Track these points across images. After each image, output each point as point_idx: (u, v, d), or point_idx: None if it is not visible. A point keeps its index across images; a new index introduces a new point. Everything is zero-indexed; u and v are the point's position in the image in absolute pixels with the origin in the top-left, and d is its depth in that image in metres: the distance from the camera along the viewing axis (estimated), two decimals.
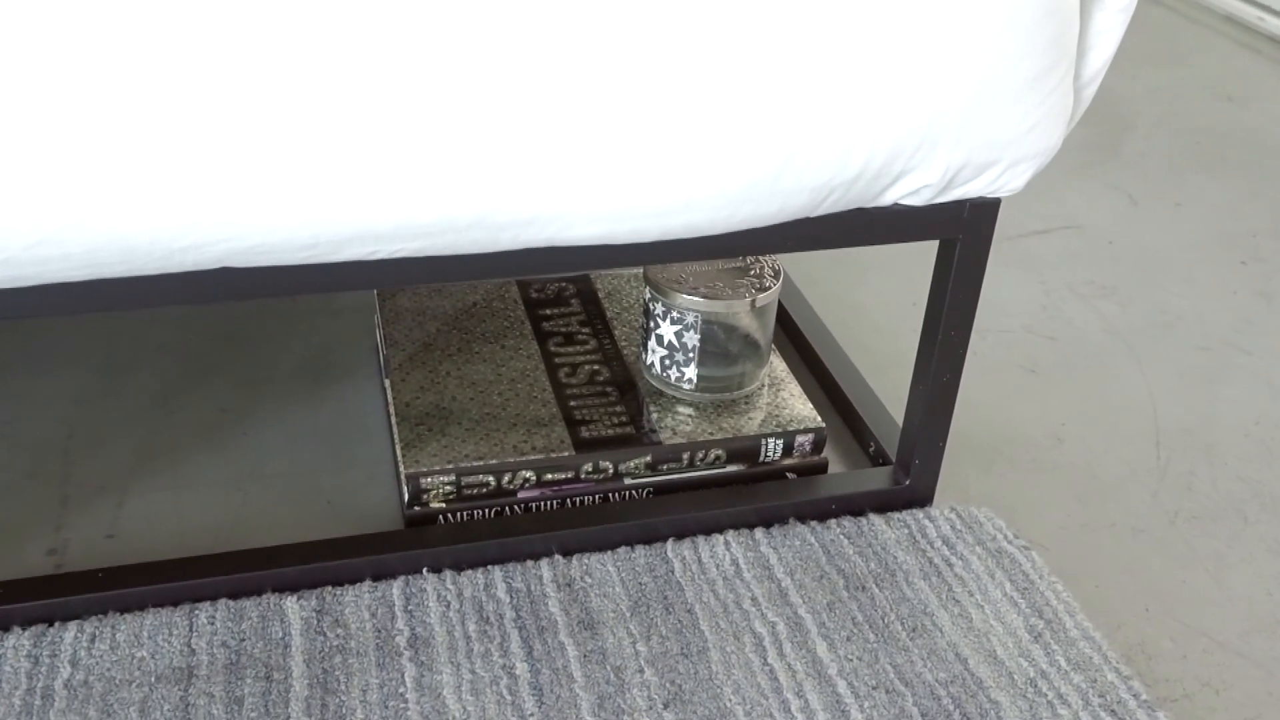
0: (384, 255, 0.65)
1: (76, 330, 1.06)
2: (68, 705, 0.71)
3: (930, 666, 0.77)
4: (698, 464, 0.89)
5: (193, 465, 0.91)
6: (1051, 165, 1.47)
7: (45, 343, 1.04)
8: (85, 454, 0.92)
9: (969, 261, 0.80)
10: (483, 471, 0.85)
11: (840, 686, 0.75)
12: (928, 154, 0.70)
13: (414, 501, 0.85)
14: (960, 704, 0.74)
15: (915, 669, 0.77)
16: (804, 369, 1.05)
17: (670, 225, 0.67)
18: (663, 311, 0.91)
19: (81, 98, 0.56)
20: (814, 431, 0.91)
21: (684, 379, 0.92)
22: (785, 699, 0.74)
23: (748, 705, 0.74)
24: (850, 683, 0.75)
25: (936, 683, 0.76)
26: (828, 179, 0.69)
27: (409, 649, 0.76)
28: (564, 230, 0.65)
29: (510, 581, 0.81)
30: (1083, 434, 1.02)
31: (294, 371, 1.02)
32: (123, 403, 0.97)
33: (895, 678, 0.76)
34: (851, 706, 0.74)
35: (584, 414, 0.91)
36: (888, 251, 1.28)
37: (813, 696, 0.74)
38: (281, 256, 0.63)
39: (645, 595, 0.81)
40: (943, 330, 0.82)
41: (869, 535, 0.87)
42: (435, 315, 1.01)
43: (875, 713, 0.73)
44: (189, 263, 0.62)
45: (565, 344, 0.98)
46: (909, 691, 0.75)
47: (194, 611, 0.77)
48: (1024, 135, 0.72)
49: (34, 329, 1.06)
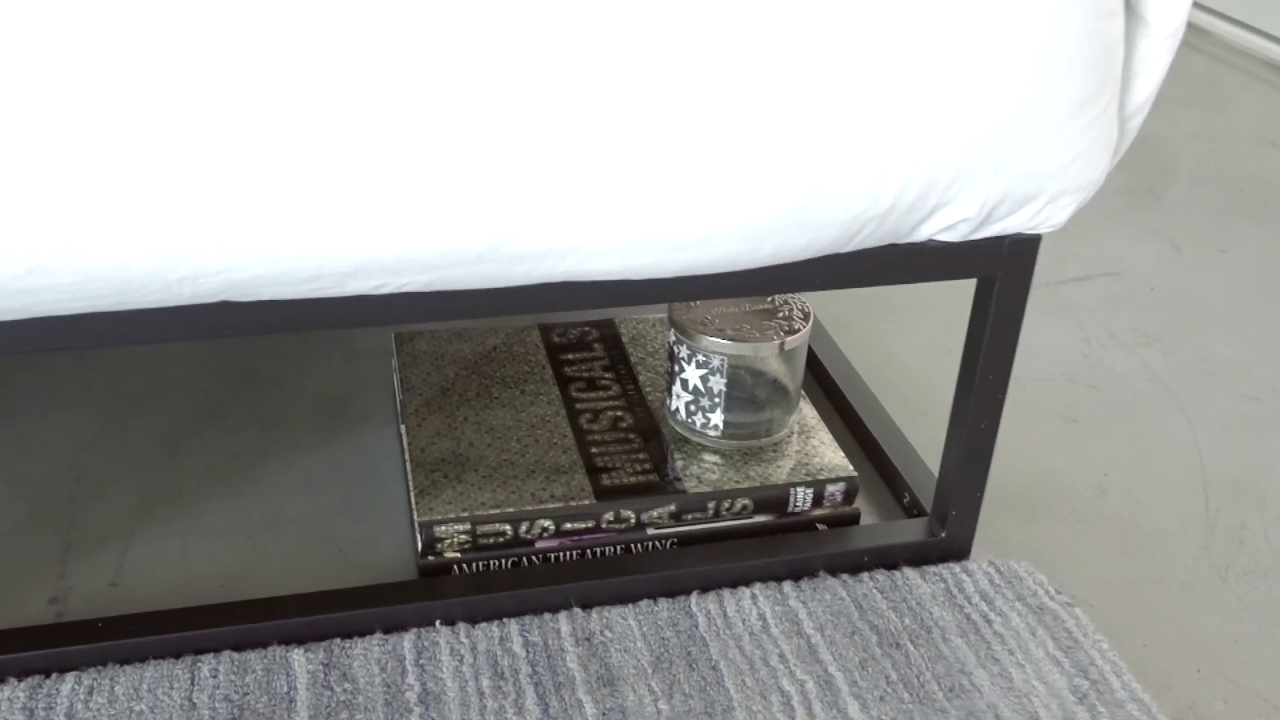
0: (392, 289, 0.62)
1: (85, 369, 1.04)
2: None
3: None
4: (724, 514, 0.86)
5: (201, 511, 0.89)
6: (1091, 210, 1.44)
7: (52, 382, 1.02)
8: (91, 498, 0.89)
9: (1008, 301, 0.76)
10: (499, 520, 0.82)
11: None
12: (965, 186, 0.67)
13: (428, 551, 0.81)
14: None
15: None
16: (835, 416, 1.01)
17: (692, 259, 0.64)
18: (687, 355, 0.87)
19: (72, 120, 0.53)
20: (845, 481, 0.87)
21: (709, 425, 0.89)
22: None
23: None
24: None
25: None
26: (859, 212, 0.65)
27: (419, 705, 0.72)
28: (580, 264, 0.62)
29: (527, 635, 0.78)
30: (1127, 485, 0.97)
31: (308, 415, 1.00)
32: (130, 445, 0.95)
33: None
34: None
35: (605, 461, 0.87)
36: (925, 295, 1.24)
37: None
38: (284, 289, 0.60)
39: (668, 650, 0.77)
40: (980, 374, 0.79)
41: (903, 590, 0.83)
42: (454, 359, 0.98)
43: None
44: (186, 295, 0.59)
45: (587, 389, 0.95)
46: None
47: (196, 664, 0.74)
48: (1066, 167, 0.69)
49: (40, 368, 1.04)
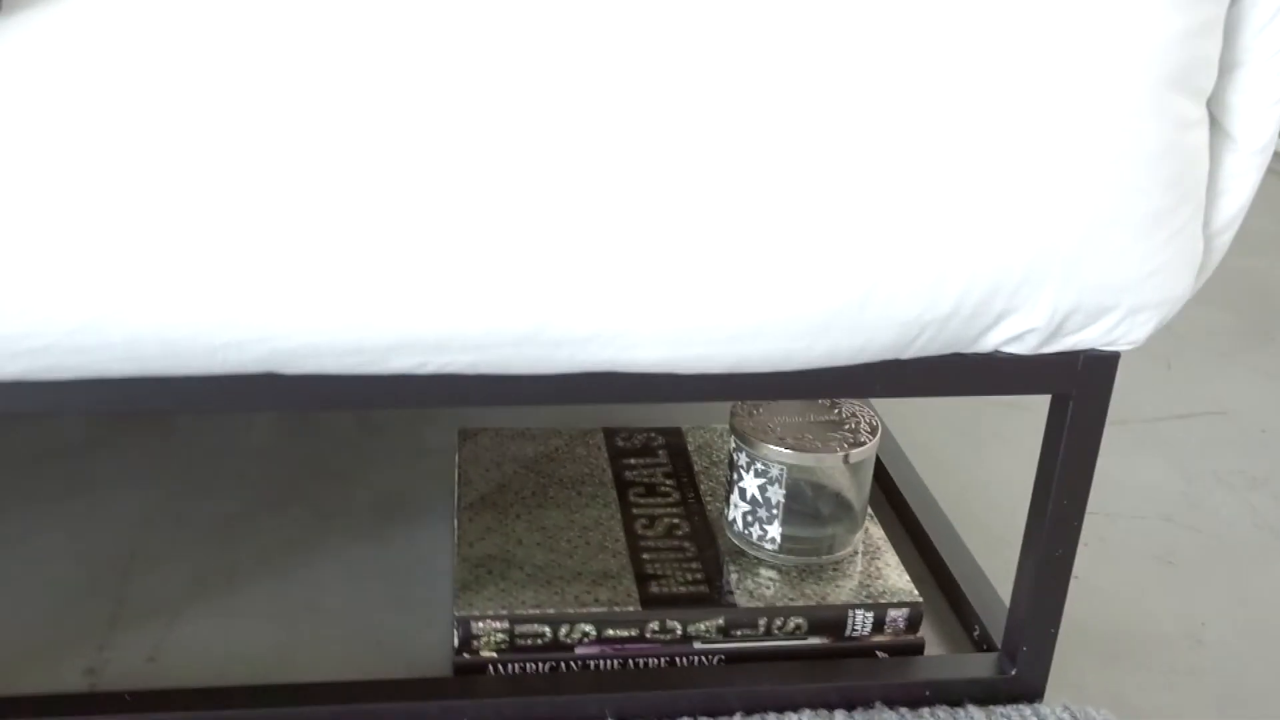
0: (434, 369, 0.61)
1: (157, 452, 1.05)
2: None
3: None
4: (776, 632, 0.81)
5: (248, 594, 0.88)
6: (1197, 350, 1.37)
7: (125, 461, 1.03)
8: (142, 574, 0.89)
9: (1084, 421, 0.71)
10: (539, 621, 0.79)
11: None
12: (1032, 293, 0.64)
13: (464, 648, 0.79)
14: None
15: None
16: (906, 541, 0.96)
17: (742, 354, 0.62)
18: (746, 463, 0.84)
19: (124, 182, 0.54)
20: (909, 606, 0.82)
21: (767, 538, 0.85)
22: None
23: None
24: None
25: None
26: (918, 314, 0.62)
27: None
28: (625, 351, 0.61)
29: None
30: (1226, 636, 0.89)
31: (368, 508, 0.99)
32: (189, 526, 0.95)
33: None
34: None
35: (656, 569, 0.84)
36: (1011, 422, 1.19)
37: None
38: (326, 362, 0.60)
39: None
40: (1054, 499, 0.74)
41: None
42: (515, 458, 0.96)
43: None
44: (231, 362, 0.59)
45: (646, 495, 0.92)
46: None
47: None
48: (1144, 280, 0.65)
49: (116, 446, 1.05)
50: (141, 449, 1.05)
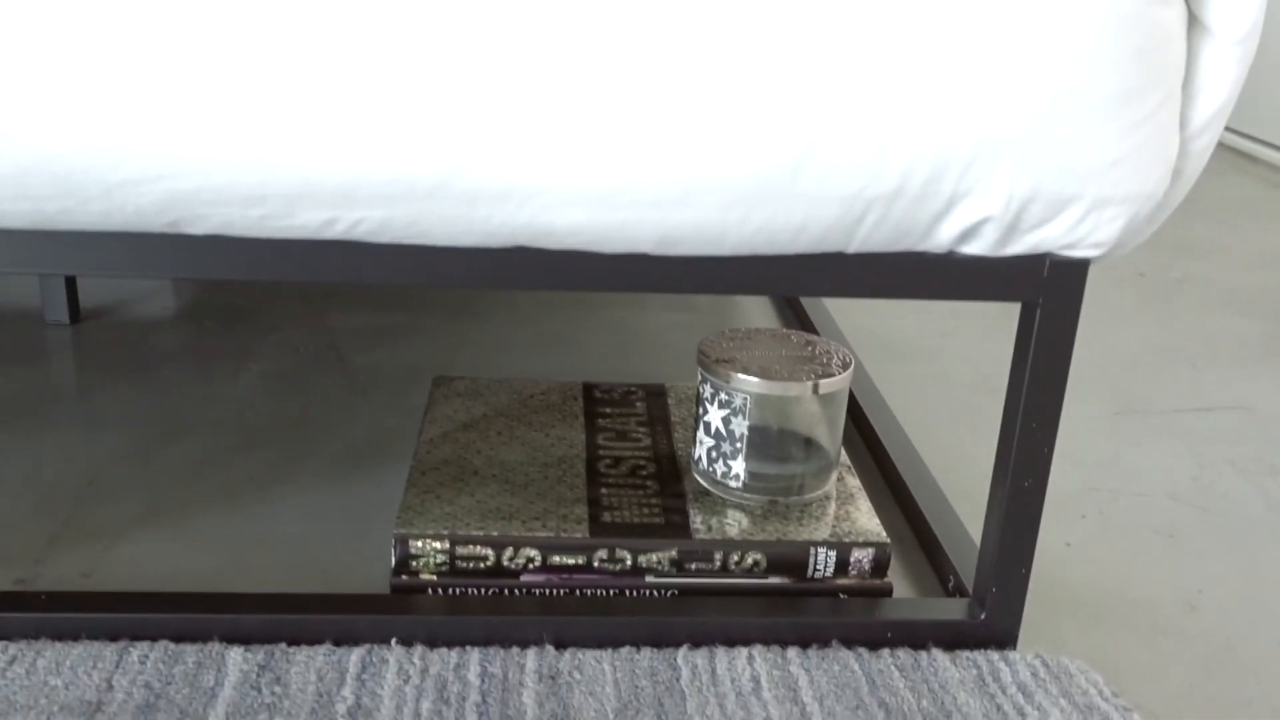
0: (345, 228, 0.59)
1: (135, 397, 1.04)
2: None
3: None
4: (733, 568, 0.77)
5: (198, 523, 0.85)
6: (1223, 354, 1.32)
7: (103, 405, 1.02)
8: (94, 502, 0.87)
9: (1052, 332, 0.67)
10: (480, 543, 0.75)
11: None
12: (985, 174, 0.60)
13: (401, 569, 0.75)
14: None
15: None
16: (885, 492, 0.91)
17: (670, 222, 0.59)
18: (711, 394, 0.81)
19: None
20: (875, 546, 0.77)
21: (731, 475, 0.81)
22: None
23: None
24: None
25: None
26: (859, 188, 0.59)
27: (346, 718, 0.65)
28: (544, 212, 0.58)
29: (487, 665, 0.70)
30: (1223, 604, 0.83)
31: (339, 453, 0.96)
32: (153, 463, 0.93)
33: None
34: None
35: (612, 501, 0.80)
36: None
37: None
38: (231, 213, 0.58)
39: (638, 699, 0.68)
40: (1022, 422, 0.69)
41: (927, 670, 0.72)
42: (487, 402, 0.94)
43: None
44: (130, 208, 0.57)
45: (616, 439, 0.89)
46: None
47: (128, 649, 0.69)
48: (1109, 168, 0.61)
49: (96, 391, 1.05)
50: (123, 395, 1.04)
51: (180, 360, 1.12)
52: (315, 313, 1.26)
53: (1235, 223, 1.88)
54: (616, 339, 1.24)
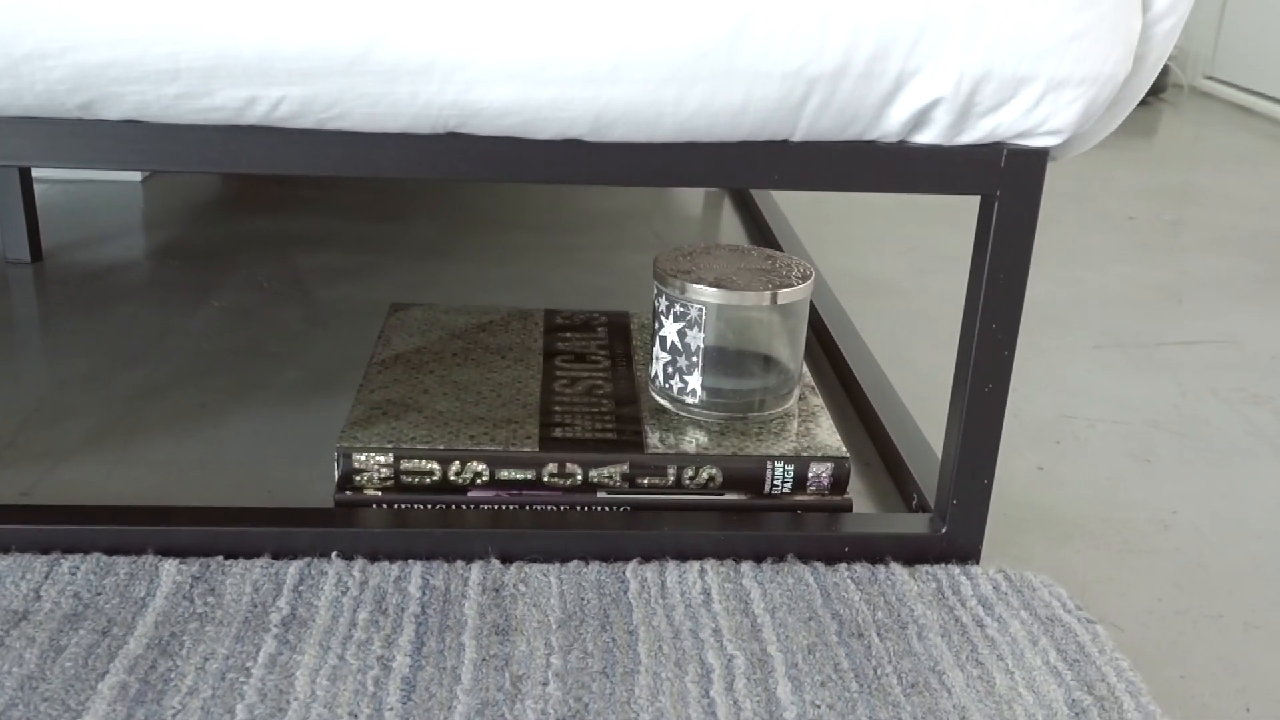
0: (266, 108, 0.56)
1: (91, 327, 1.02)
2: None
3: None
4: (688, 484, 0.75)
5: (144, 447, 0.83)
6: (1210, 290, 1.29)
7: (57, 333, 1.00)
8: (41, 426, 0.85)
9: (1011, 227, 0.65)
10: (425, 456, 0.73)
11: None
12: (933, 49, 0.57)
13: (345, 484, 0.73)
14: None
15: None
16: (849, 409, 0.89)
17: (602, 100, 0.56)
18: (666, 307, 0.78)
19: None
20: (834, 461, 0.75)
21: (687, 390, 0.78)
22: None
23: None
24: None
25: None
26: (801, 64, 0.57)
27: (279, 627, 0.63)
28: (471, 88, 0.55)
29: (429, 578, 0.68)
30: (1197, 523, 0.81)
31: (293, 382, 0.94)
32: (103, 390, 0.91)
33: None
34: None
35: (565, 418, 0.78)
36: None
37: None
38: (145, 91, 0.55)
39: (584, 610, 0.66)
40: (981, 321, 0.67)
41: (884, 583, 0.69)
42: (444, 326, 0.91)
43: None
44: (39, 84, 0.55)
45: (574, 361, 0.87)
46: None
47: (59, 560, 0.67)
48: (1064, 46, 0.58)
49: (52, 320, 1.02)
50: (78, 328, 1.02)
51: (140, 297, 1.10)
52: (282, 253, 1.24)
53: (1232, 172, 1.84)
54: (588, 279, 1.21)
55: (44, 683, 0.58)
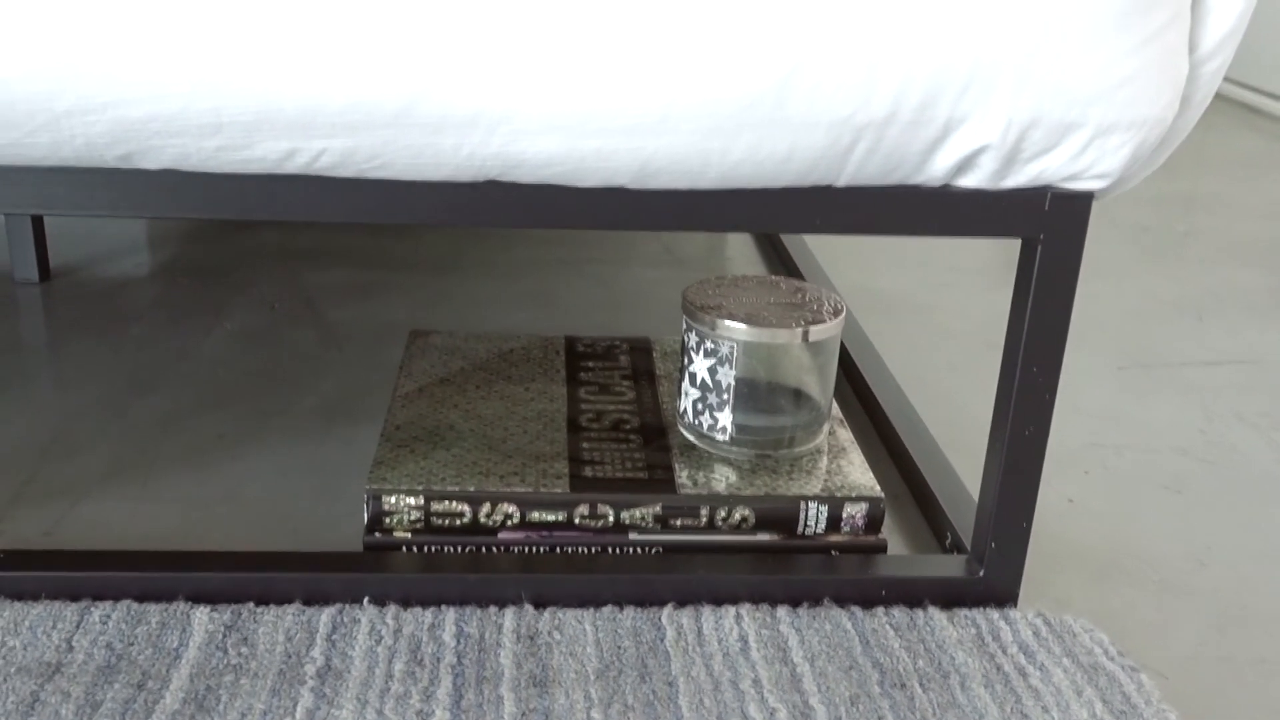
0: (307, 159, 0.55)
1: (105, 354, 1.00)
2: None
3: None
4: (720, 525, 0.74)
5: (165, 482, 0.82)
6: (1230, 307, 1.28)
7: (71, 361, 0.99)
8: (59, 459, 0.84)
9: (1054, 270, 0.64)
10: (456, 498, 0.72)
11: None
12: (982, 97, 0.56)
13: (374, 526, 0.72)
14: None
15: None
16: (879, 446, 0.88)
17: (647, 151, 0.55)
18: (696, 343, 0.77)
19: None
20: (868, 501, 0.74)
21: (718, 428, 0.77)
22: None
23: None
24: None
25: None
26: (849, 113, 0.56)
27: (315, 679, 0.62)
28: (515, 140, 0.54)
29: (463, 625, 0.67)
30: (1234, 560, 0.80)
31: (313, 409, 0.93)
32: (122, 419, 0.90)
33: None
34: None
35: (594, 455, 0.77)
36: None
37: None
38: (186, 145, 0.54)
39: (621, 660, 0.65)
40: (1022, 366, 0.66)
41: (923, 629, 0.69)
42: (465, 355, 0.90)
43: None
44: (80, 139, 0.53)
45: (599, 393, 0.86)
46: None
47: (89, 608, 0.66)
48: (1113, 91, 0.57)
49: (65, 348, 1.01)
50: (91, 352, 1.01)
51: (151, 318, 1.09)
52: (291, 271, 1.23)
53: (1243, 176, 1.84)
54: (600, 295, 1.20)
55: None
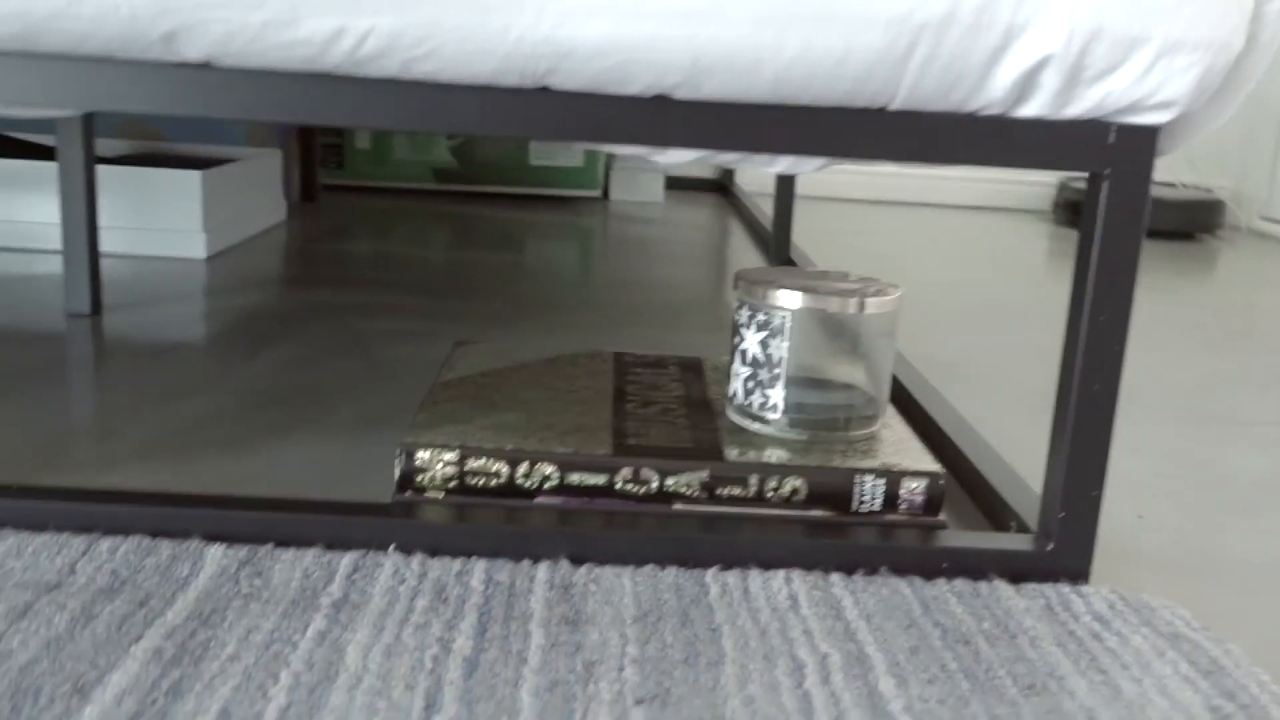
0: (353, 41, 0.55)
1: (151, 367, 0.99)
2: None
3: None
4: (770, 497, 0.70)
5: (197, 462, 0.79)
6: None
7: (116, 369, 0.98)
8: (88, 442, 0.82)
9: (1120, 209, 0.61)
10: (493, 455, 0.69)
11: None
12: (1043, 3, 0.55)
13: (405, 484, 0.69)
14: None
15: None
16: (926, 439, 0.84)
17: (701, 39, 0.54)
18: (748, 319, 0.75)
19: None
20: (927, 478, 0.70)
21: (769, 405, 0.74)
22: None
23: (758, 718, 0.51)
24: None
25: None
26: (907, 10, 0.55)
27: (331, 609, 0.58)
28: (564, 24, 0.54)
29: (493, 574, 0.63)
30: None
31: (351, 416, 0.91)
32: (156, 416, 0.88)
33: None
34: None
35: (640, 430, 0.74)
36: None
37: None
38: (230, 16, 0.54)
39: (661, 608, 0.60)
40: (1090, 313, 0.63)
41: (988, 598, 0.63)
42: (510, 358, 0.88)
43: None
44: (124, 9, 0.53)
45: (647, 388, 0.83)
46: None
47: (98, 540, 0.63)
48: (1176, 6, 0.56)
49: (110, 362, 1.00)
50: (135, 366, 1.00)
51: (197, 345, 1.08)
52: (343, 319, 1.22)
53: None
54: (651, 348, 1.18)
55: (72, 643, 0.53)
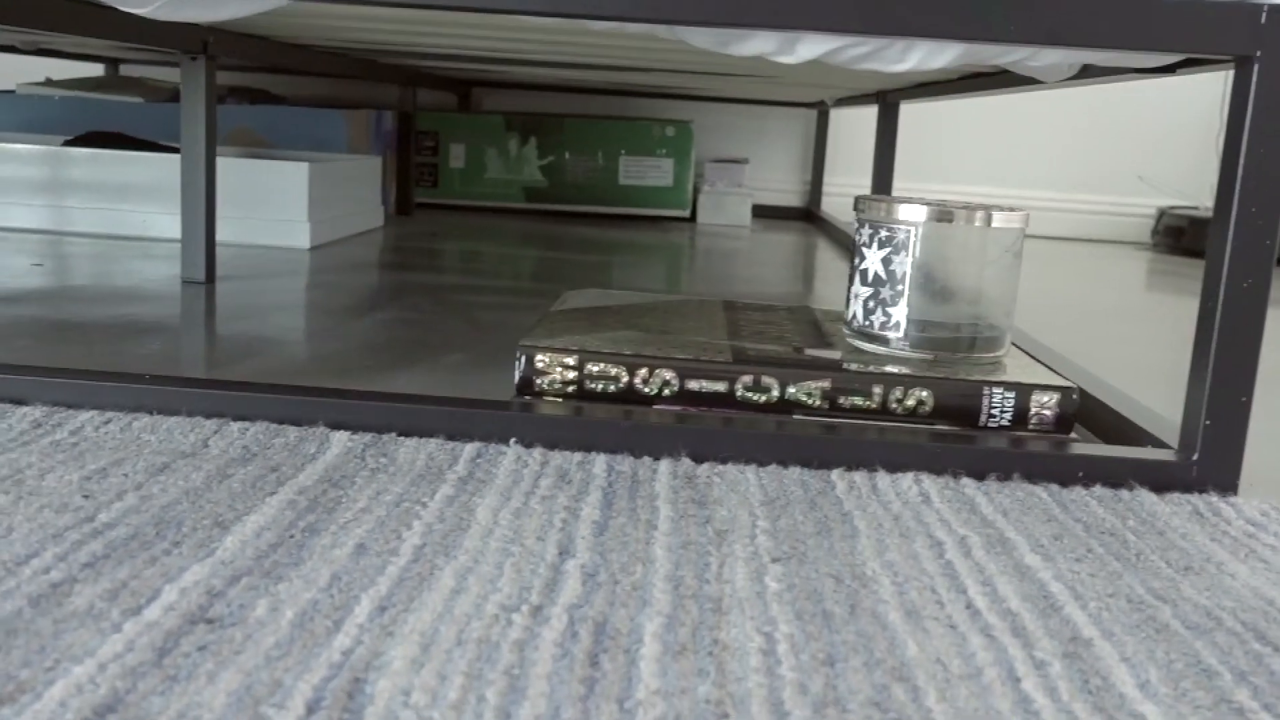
0: None
1: (261, 324, 1.01)
2: (43, 450, 0.57)
3: (1208, 595, 0.49)
4: (893, 408, 0.68)
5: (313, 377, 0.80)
6: None
7: (225, 323, 0.99)
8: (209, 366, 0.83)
9: (1273, 97, 0.59)
10: (612, 361, 0.68)
11: (1054, 588, 0.48)
12: None
13: (524, 388, 0.68)
14: (1258, 630, 0.46)
15: (1182, 592, 0.49)
16: None
17: None
18: (869, 238, 0.73)
19: None
20: (1060, 392, 0.67)
21: (891, 324, 0.73)
22: (961, 583, 0.48)
23: (900, 578, 0.48)
24: (1072, 588, 0.49)
25: (1218, 607, 0.47)
26: None
27: (458, 482, 0.57)
28: None
29: (614, 465, 0.62)
30: None
31: (458, 360, 0.91)
32: (260, 355, 0.89)
33: (1146, 593, 0.48)
34: (1069, 604, 0.47)
35: (757, 346, 0.72)
36: None
37: (1006, 587, 0.48)
38: None
39: (786, 496, 0.58)
40: (1240, 205, 0.61)
41: (1130, 502, 0.61)
42: (619, 300, 0.88)
43: (1108, 616, 0.46)
44: None
45: (759, 323, 0.82)
46: (1167, 606, 0.47)
47: (228, 423, 0.63)
48: None
49: (225, 316, 1.02)
50: (243, 324, 1.01)
51: (308, 307, 1.10)
52: (441, 294, 1.23)
53: None
54: None
55: (209, 493, 0.53)
